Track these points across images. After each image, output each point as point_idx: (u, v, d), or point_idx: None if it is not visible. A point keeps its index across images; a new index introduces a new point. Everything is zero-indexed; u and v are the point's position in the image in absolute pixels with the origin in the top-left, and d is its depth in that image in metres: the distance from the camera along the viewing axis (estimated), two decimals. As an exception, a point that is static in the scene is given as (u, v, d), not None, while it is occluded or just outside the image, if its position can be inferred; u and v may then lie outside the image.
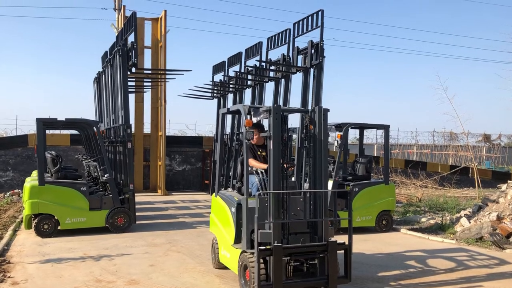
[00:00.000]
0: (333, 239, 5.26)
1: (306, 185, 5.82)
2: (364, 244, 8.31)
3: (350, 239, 5.34)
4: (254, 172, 5.85)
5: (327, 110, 5.92)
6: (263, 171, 5.70)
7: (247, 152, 5.60)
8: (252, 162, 5.92)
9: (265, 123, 6.70)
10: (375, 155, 25.62)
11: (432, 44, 71.31)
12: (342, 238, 5.39)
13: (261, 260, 4.93)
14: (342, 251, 5.26)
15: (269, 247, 4.94)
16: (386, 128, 9.89)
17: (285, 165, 5.47)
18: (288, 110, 6.20)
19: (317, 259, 5.20)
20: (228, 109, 6.51)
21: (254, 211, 4.96)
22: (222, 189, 6.69)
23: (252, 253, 5.01)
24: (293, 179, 6.26)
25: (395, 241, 8.68)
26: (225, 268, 6.23)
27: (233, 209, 5.68)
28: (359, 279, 6.11)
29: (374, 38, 72.45)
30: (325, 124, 5.51)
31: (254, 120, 5.78)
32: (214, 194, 6.60)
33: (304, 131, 5.69)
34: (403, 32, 68.75)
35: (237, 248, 5.53)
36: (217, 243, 6.41)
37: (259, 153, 6.13)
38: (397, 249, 8.07)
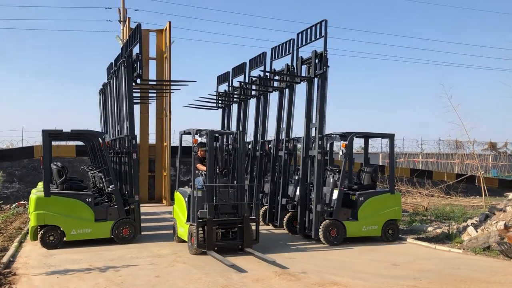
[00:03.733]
0: (247, 215, 8.06)
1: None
2: (368, 254, 8.25)
3: (257, 216, 8.36)
4: (200, 174, 8.57)
5: (244, 133, 9.72)
6: (205, 173, 8.25)
7: (195, 160, 8.49)
8: (198, 165, 8.68)
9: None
10: (381, 164, 25.51)
11: (436, 52, 71.18)
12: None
13: (201, 229, 7.71)
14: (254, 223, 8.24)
15: (204, 219, 7.73)
16: (391, 137, 9.87)
17: (221, 169, 8.58)
18: (219, 132, 8.95)
19: (237, 228, 8.04)
20: (184, 131, 8.92)
21: (198, 199, 7.88)
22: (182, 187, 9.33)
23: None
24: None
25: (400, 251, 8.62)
26: (183, 241, 8.59)
27: (186, 199, 8.37)
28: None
29: (378, 47, 72.63)
30: (243, 142, 8.42)
31: (199, 139, 8.37)
32: (175, 190, 9.20)
33: (231, 146, 8.97)
34: (407, 41, 68.88)
35: (187, 224, 8.17)
36: (176, 225, 9.05)
37: (204, 163, 8.66)
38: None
